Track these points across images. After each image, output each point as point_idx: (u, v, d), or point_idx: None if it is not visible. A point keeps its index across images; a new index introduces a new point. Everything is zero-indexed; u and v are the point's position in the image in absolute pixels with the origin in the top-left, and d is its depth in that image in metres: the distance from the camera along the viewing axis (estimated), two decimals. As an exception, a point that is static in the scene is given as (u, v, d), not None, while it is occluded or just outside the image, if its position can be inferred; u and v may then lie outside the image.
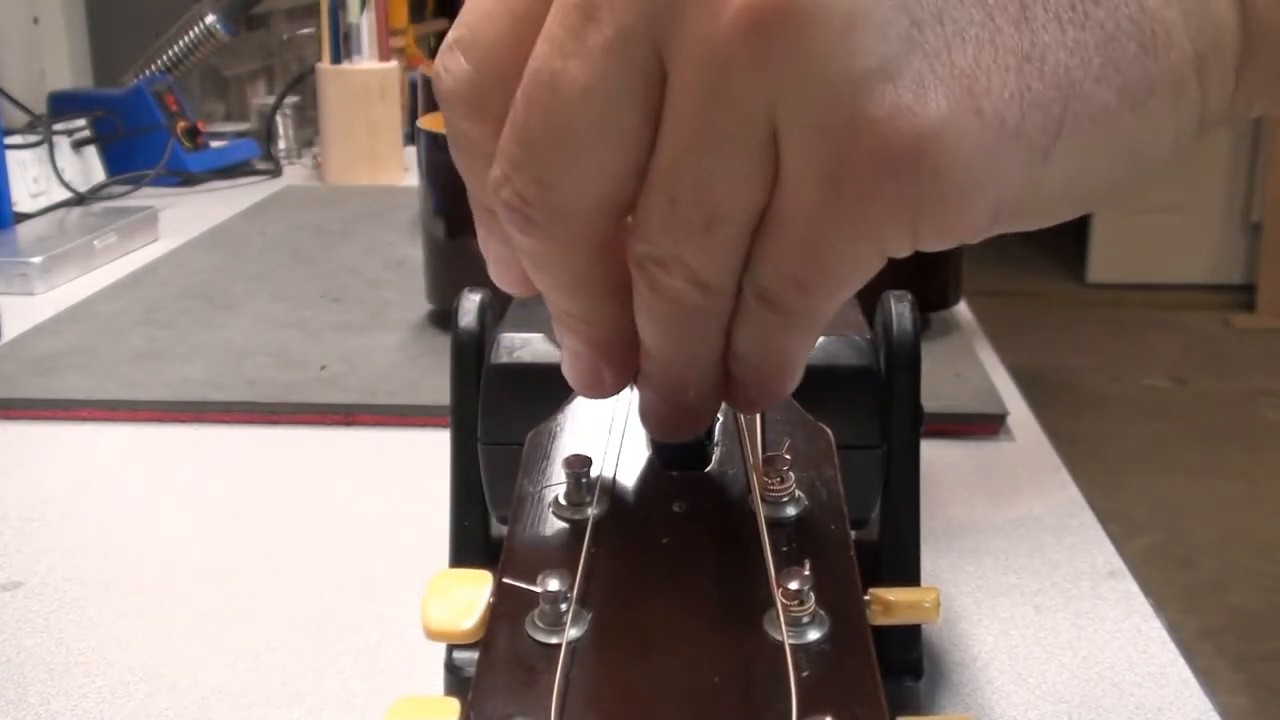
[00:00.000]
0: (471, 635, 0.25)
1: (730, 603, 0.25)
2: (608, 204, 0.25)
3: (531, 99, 0.24)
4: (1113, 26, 0.23)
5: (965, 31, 0.23)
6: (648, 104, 0.24)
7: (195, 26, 1.43)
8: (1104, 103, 0.23)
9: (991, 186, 0.23)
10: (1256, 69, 0.24)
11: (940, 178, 0.23)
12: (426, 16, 2.33)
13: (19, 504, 0.60)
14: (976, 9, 0.23)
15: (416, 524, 0.58)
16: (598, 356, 0.28)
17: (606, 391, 0.29)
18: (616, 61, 0.23)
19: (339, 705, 0.44)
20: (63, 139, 1.24)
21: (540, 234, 0.25)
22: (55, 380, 0.75)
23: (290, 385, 0.73)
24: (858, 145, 0.22)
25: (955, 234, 0.24)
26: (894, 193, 0.23)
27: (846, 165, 0.23)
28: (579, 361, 0.28)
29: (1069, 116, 0.23)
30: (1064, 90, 0.23)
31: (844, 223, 0.23)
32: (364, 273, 0.98)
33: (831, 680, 0.23)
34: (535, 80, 0.24)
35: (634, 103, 0.24)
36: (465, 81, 0.26)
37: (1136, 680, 0.45)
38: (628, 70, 0.23)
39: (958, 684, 0.45)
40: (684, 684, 0.23)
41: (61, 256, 0.98)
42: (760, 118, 0.23)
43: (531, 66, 0.24)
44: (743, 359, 0.27)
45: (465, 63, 0.26)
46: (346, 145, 1.36)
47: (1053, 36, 0.23)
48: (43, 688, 0.45)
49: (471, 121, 0.26)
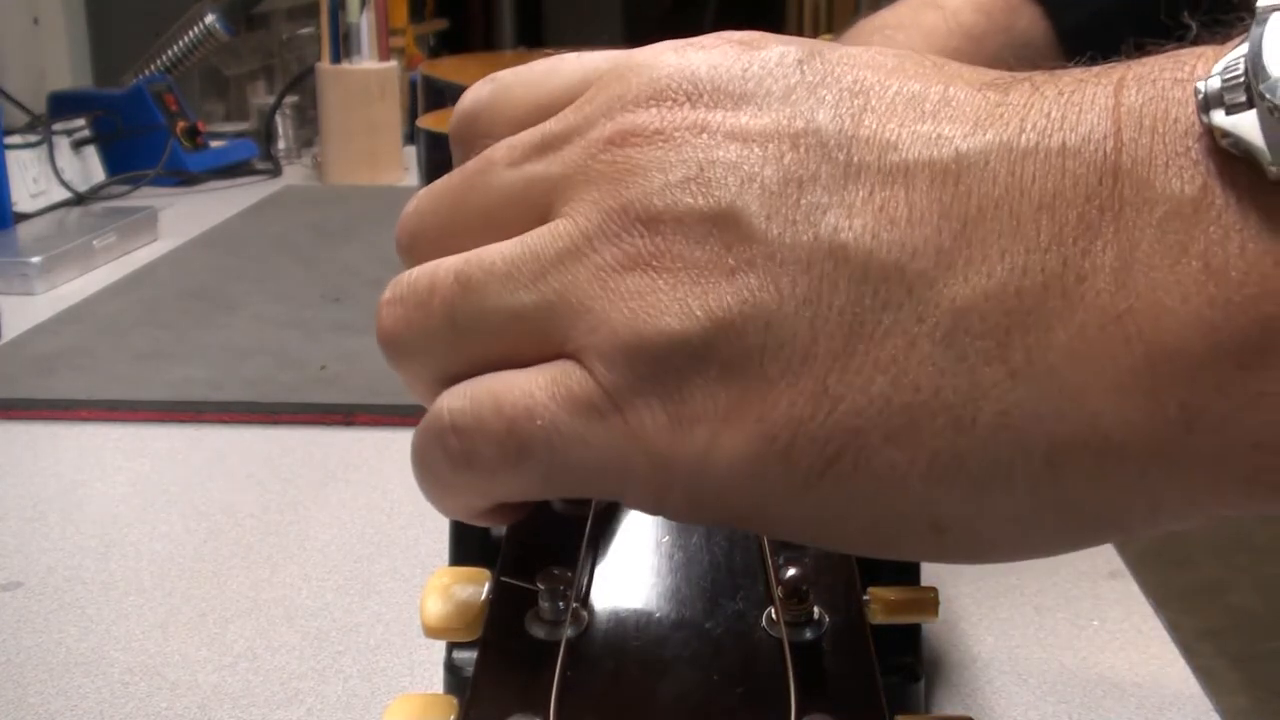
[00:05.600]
0: (470, 633, 0.25)
1: (729, 600, 0.25)
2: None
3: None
4: (928, 394, 0.21)
5: (789, 344, 0.21)
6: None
7: (195, 26, 1.43)
8: (889, 461, 0.21)
9: (683, 470, 0.22)
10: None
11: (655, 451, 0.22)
12: (426, 16, 2.33)
13: (19, 504, 0.60)
14: (805, 329, 0.21)
15: (416, 524, 0.58)
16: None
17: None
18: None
19: (339, 705, 0.44)
20: (63, 139, 1.24)
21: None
22: (55, 380, 0.75)
23: (290, 385, 0.73)
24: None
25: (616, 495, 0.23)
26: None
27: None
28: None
29: (844, 463, 0.21)
30: (847, 435, 0.21)
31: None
32: (364, 273, 0.98)
33: (830, 679, 0.23)
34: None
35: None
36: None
37: (1136, 680, 0.45)
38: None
39: (958, 684, 0.45)
40: (683, 682, 0.23)
41: (61, 256, 0.98)
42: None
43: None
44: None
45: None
46: (346, 145, 1.36)
47: (860, 380, 0.21)
48: (43, 688, 0.45)
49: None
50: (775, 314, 0.21)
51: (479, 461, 0.24)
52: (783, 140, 0.22)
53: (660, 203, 0.22)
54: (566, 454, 0.23)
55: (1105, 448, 0.20)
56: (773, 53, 0.24)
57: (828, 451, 0.21)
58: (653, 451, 0.22)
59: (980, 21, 0.50)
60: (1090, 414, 0.20)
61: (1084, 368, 0.20)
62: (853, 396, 0.21)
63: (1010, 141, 0.21)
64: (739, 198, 0.22)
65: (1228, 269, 0.19)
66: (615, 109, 0.24)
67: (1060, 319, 0.20)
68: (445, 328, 0.24)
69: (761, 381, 0.21)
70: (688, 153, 0.23)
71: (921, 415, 0.21)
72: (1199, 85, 0.20)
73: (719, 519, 0.23)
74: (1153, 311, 0.20)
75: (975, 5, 0.50)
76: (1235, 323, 0.19)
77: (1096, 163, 0.21)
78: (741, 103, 0.23)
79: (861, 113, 0.22)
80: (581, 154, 0.24)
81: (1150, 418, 0.20)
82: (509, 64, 0.28)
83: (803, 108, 0.23)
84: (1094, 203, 0.20)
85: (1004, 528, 0.22)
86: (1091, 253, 0.20)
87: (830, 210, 0.21)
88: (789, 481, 0.21)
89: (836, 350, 0.21)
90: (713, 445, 0.22)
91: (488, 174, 0.25)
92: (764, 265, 0.21)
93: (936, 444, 0.21)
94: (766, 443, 0.21)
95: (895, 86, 0.23)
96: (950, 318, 0.21)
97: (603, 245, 0.23)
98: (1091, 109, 0.21)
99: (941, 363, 0.21)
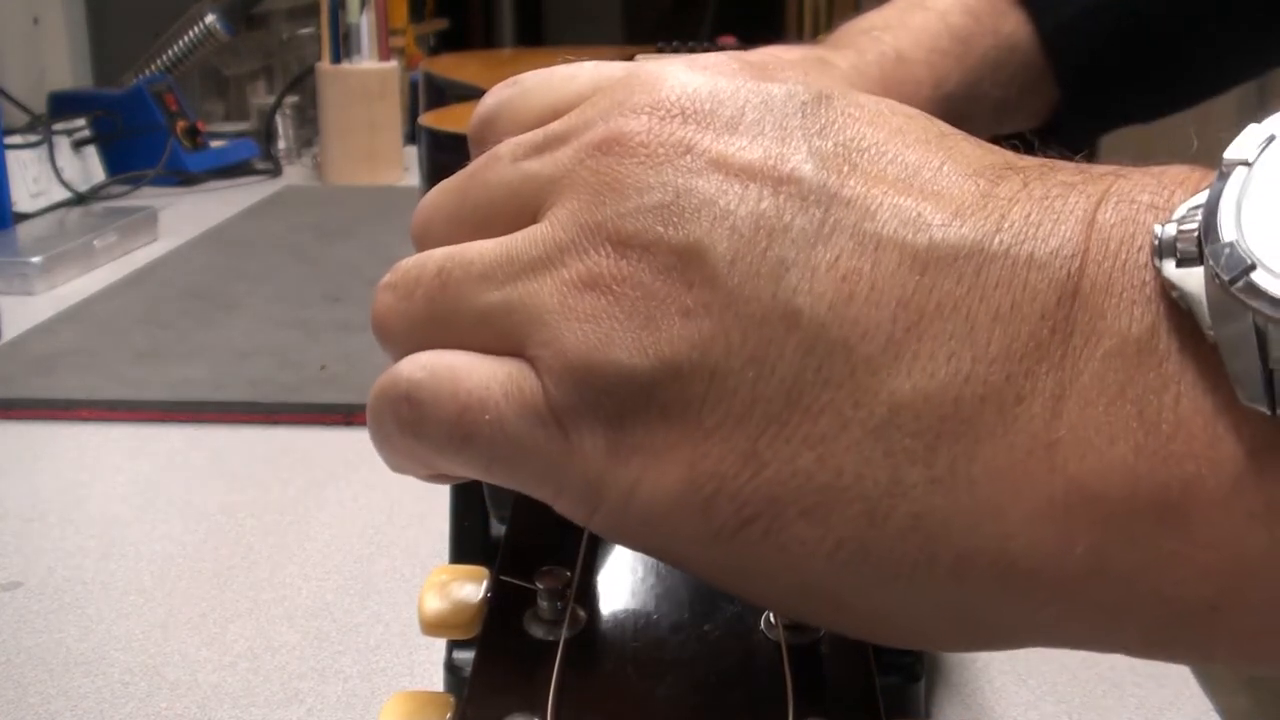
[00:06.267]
0: (468, 631, 0.25)
1: (727, 602, 0.25)
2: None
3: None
4: (849, 479, 0.20)
5: (729, 399, 0.21)
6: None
7: (195, 26, 1.43)
8: (799, 536, 0.21)
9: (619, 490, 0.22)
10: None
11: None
12: (426, 16, 2.33)
13: (19, 504, 0.60)
14: (746, 389, 0.21)
15: (416, 524, 0.58)
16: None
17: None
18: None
19: (339, 705, 0.44)
20: (63, 139, 1.24)
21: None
22: (55, 380, 0.75)
23: (290, 385, 0.73)
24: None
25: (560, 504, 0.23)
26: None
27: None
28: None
29: (757, 527, 0.21)
30: (764, 502, 0.21)
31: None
32: (364, 273, 0.98)
33: (827, 682, 0.23)
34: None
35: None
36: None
37: (1136, 680, 0.45)
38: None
39: (958, 684, 0.45)
40: (681, 683, 0.23)
41: (61, 256, 0.98)
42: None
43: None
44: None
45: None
46: (346, 145, 1.36)
47: (788, 451, 0.21)
48: (43, 688, 0.45)
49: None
50: (721, 367, 0.21)
51: (425, 435, 0.24)
52: (765, 182, 0.22)
53: (631, 226, 0.22)
54: (507, 452, 0.23)
55: (1011, 571, 0.20)
56: (781, 88, 0.23)
57: (744, 513, 0.21)
58: (587, 472, 0.22)
59: (968, 24, 0.50)
60: (1001, 535, 0.20)
61: (1004, 488, 0.20)
62: (778, 465, 0.21)
63: (983, 241, 0.21)
64: (708, 235, 0.22)
65: (1160, 420, 0.19)
66: (612, 114, 0.24)
67: (991, 435, 0.20)
68: (424, 319, 0.25)
69: (697, 429, 0.21)
70: (668, 175, 0.22)
71: (838, 500, 0.21)
72: (1156, 229, 0.20)
73: (637, 548, 0.23)
74: (1080, 448, 0.20)
75: (963, 7, 0.50)
76: (1157, 476, 0.19)
77: (1059, 281, 0.20)
78: (733, 131, 0.23)
79: (850, 172, 0.22)
80: (571, 157, 0.24)
81: (1059, 553, 0.20)
82: (509, 62, 0.28)
83: (793, 153, 0.22)
84: (1047, 323, 0.20)
85: (901, 620, 0.22)
86: (1035, 374, 0.20)
87: (793, 269, 0.21)
88: (703, 532, 0.21)
89: (772, 415, 0.21)
90: (642, 478, 0.22)
91: (491, 169, 0.26)
92: (719, 314, 0.21)
93: (846, 531, 0.21)
94: (691, 490, 0.21)
95: (892, 152, 0.22)
96: (885, 410, 0.20)
97: (571, 259, 0.23)
98: (1068, 220, 0.21)
99: (868, 453, 0.20)
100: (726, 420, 0.21)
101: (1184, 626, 0.20)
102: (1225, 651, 0.20)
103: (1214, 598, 0.19)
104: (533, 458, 0.23)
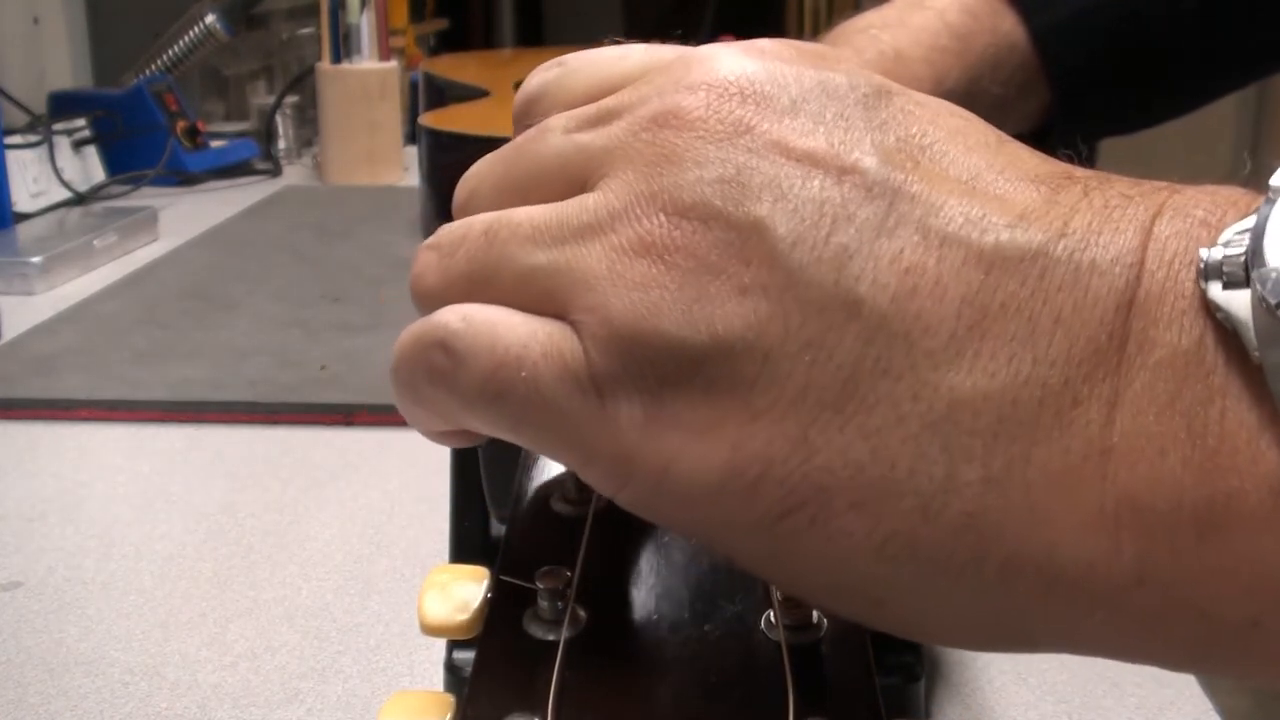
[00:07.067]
0: (468, 631, 0.25)
1: (728, 603, 0.25)
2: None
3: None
4: (903, 474, 0.20)
5: (782, 382, 0.21)
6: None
7: (195, 26, 1.43)
8: (845, 528, 0.21)
9: (657, 465, 0.22)
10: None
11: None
12: (426, 16, 2.33)
13: (19, 504, 0.60)
14: (801, 373, 0.21)
15: (416, 524, 0.58)
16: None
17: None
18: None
19: (339, 705, 0.44)
20: (63, 139, 1.24)
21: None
22: (55, 380, 0.75)
23: (290, 385, 0.73)
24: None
25: (586, 467, 0.23)
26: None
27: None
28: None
29: (802, 515, 0.21)
30: (812, 490, 0.21)
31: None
32: (364, 273, 0.98)
33: (828, 683, 0.23)
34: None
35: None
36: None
37: (1136, 680, 0.45)
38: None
39: (958, 684, 0.45)
40: (681, 684, 0.23)
41: (61, 256, 0.98)
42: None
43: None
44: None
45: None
46: (346, 145, 1.36)
47: (841, 440, 0.20)
48: (43, 688, 0.45)
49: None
50: (776, 349, 0.21)
51: (456, 387, 0.23)
52: (829, 170, 0.22)
53: (689, 197, 0.22)
54: (540, 414, 0.23)
55: (1058, 577, 0.20)
56: (843, 78, 0.23)
57: (790, 500, 0.21)
58: (621, 443, 0.22)
59: (967, 22, 0.50)
60: (1051, 541, 0.20)
61: (1057, 493, 0.20)
62: (829, 454, 0.21)
63: (1047, 246, 0.21)
64: (770, 215, 0.21)
65: (1206, 433, 0.19)
66: (668, 91, 0.23)
67: (1048, 438, 0.20)
68: (464, 275, 0.25)
69: (745, 410, 0.21)
70: (727, 152, 0.22)
71: (889, 493, 0.20)
72: (1201, 253, 0.20)
73: (667, 524, 0.23)
74: (1131, 457, 0.20)
75: (961, 6, 0.50)
76: (1202, 489, 0.19)
77: (1118, 289, 0.20)
78: (794, 116, 0.22)
79: (914, 168, 0.22)
80: (626, 130, 0.23)
81: (1106, 563, 0.20)
82: (509, 62, 0.28)
83: (857, 144, 0.22)
84: (1105, 328, 0.20)
85: (941, 618, 0.22)
86: (1092, 379, 0.20)
87: (857, 257, 0.21)
88: (744, 515, 0.21)
89: (826, 403, 0.21)
90: (680, 455, 0.21)
91: (541, 140, 0.25)
92: (778, 295, 0.21)
93: (896, 524, 0.20)
94: (733, 471, 0.21)
95: (953, 153, 0.22)
96: (945, 406, 0.20)
97: (623, 226, 0.22)
98: (1127, 230, 0.21)
99: (924, 447, 0.20)
100: (778, 403, 0.21)
101: (1224, 642, 0.20)
102: (1265, 668, 0.20)
103: (1255, 614, 0.19)
104: (565, 422, 0.22)
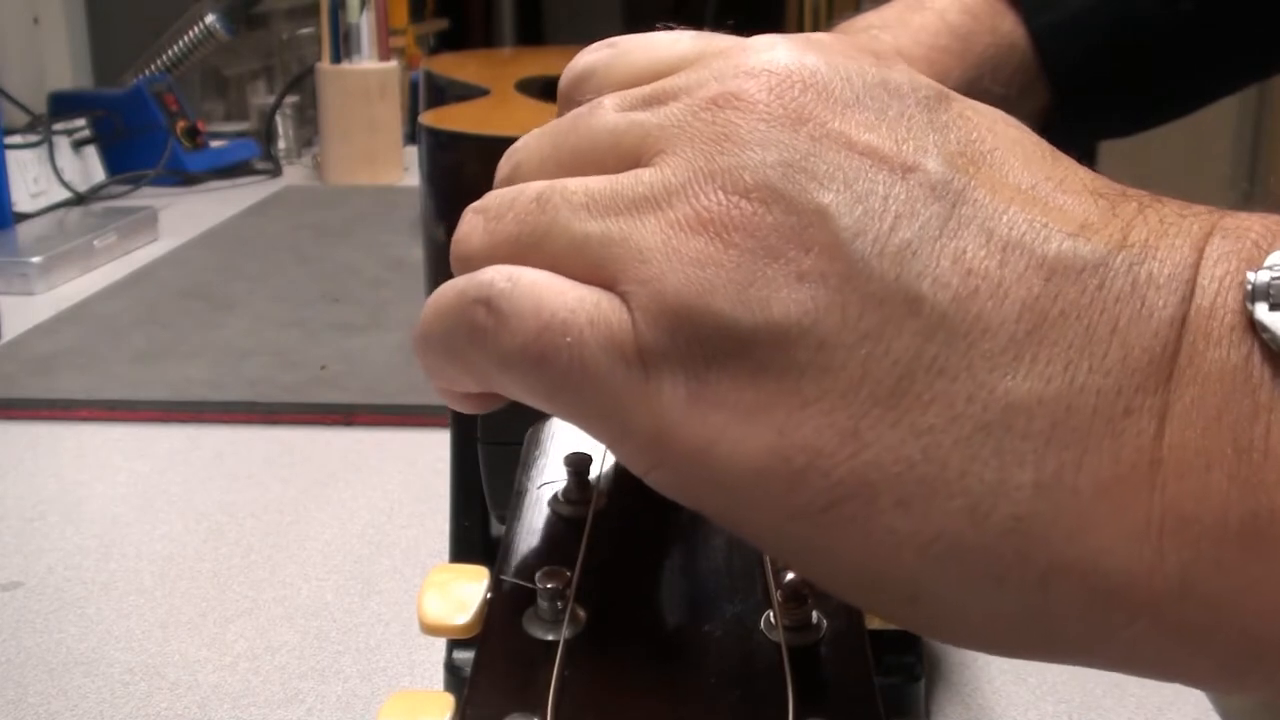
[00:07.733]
0: (468, 631, 0.25)
1: (728, 603, 0.25)
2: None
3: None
4: (954, 474, 0.20)
5: (835, 372, 0.20)
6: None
7: (195, 26, 1.43)
8: (891, 525, 0.20)
9: (694, 447, 0.21)
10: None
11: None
12: (426, 16, 2.33)
13: (19, 504, 0.60)
14: (856, 365, 0.20)
15: (416, 523, 0.58)
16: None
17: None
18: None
19: (339, 705, 0.44)
20: (63, 139, 1.24)
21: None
22: (55, 380, 0.75)
23: (290, 385, 0.73)
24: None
25: (620, 447, 0.22)
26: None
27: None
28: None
29: (846, 509, 0.21)
30: (859, 485, 0.20)
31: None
32: (364, 273, 0.98)
33: (828, 684, 0.23)
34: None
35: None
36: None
37: (1137, 680, 0.45)
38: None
39: (958, 684, 0.45)
40: (681, 684, 0.23)
41: (61, 256, 0.98)
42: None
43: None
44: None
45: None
46: (346, 145, 1.36)
47: (893, 436, 0.20)
48: (43, 688, 0.45)
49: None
50: (832, 339, 0.21)
51: (497, 347, 0.23)
52: (892, 167, 0.21)
53: (751, 178, 0.22)
54: (580, 383, 0.22)
55: (1102, 586, 0.20)
56: (905, 78, 0.23)
57: (835, 493, 0.21)
58: (660, 419, 0.21)
59: (967, 21, 0.50)
60: (1097, 549, 0.20)
61: (1106, 502, 0.20)
62: (879, 449, 0.20)
63: (1107, 257, 0.21)
64: (835, 204, 0.21)
65: (1251, 448, 0.19)
66: (727, 75, 0.23)
67: (1099, 447, 0.20)
68: (509, 241, 0.24)
69: (795, 397, 0.21)
70: (791, 136, 0.22)
71: (938, 493, 0.20)
72: (1249, 275, 0.20)
73: (696, 507, 0.23)
74: (1179, 469, 0.20)
75: (961, 6, 0.50)
76: (1247, 504, 0.19)
77: (1173, 303, 0.20)
78: (856, 110, 0.22)
79: (976, 173, 0.22)
80: (684, 110, 0.23)
81: (1149, 573, 0.20)
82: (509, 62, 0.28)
83: (919, 144, 0.22)
84: (1159, 340, 0.20)
85: (979, 622, 0.22)
86: (1145, 390, 0.20)
87: (919, 255, 0.21)
88: (782, 504, 0.21)
89: (879, 398, 0.20)
90: (721, 437, 0.21)
91: (593, 116, 0.25)
92: (838, 284, 0.21)
93: (943, 525, 0.20)
94: (777, 459, 0.21)
95: (1012, 161, 0.22)
96: (1000, 409, 0.20)
97: (681, 202, 0.22)
98: (1183, 246, 0.21)
99: (977, 449, 0.20)
100: (829, 394, 0.21)
101: (1262, 657, 0.20)
102: None
103: None
104: (604, 394, 0.22)
